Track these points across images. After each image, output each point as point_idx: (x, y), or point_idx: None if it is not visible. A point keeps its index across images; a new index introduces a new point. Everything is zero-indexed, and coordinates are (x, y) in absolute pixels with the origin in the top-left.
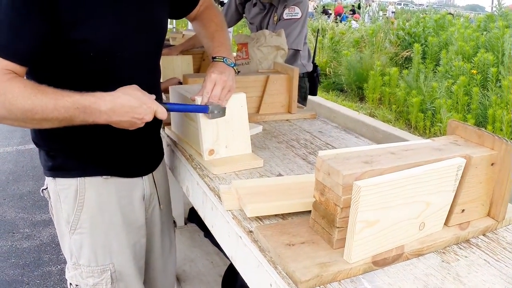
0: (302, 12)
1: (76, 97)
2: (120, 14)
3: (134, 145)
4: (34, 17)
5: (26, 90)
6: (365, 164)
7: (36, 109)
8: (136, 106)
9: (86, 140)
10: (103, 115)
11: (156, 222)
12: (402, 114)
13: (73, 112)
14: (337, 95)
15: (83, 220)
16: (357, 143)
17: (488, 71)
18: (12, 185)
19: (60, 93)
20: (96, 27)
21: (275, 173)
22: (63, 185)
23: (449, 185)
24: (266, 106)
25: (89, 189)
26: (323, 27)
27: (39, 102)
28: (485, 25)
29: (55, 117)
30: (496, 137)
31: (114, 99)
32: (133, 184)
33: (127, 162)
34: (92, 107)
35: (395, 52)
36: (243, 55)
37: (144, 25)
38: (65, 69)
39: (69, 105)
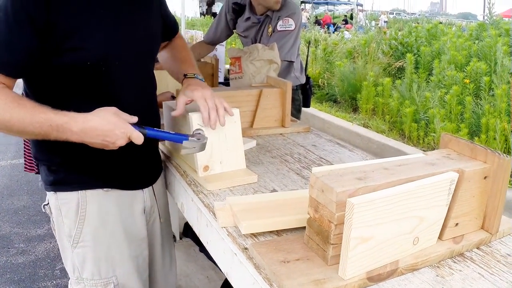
0: (295, 24)
1: (50, 115)
2: (116, 24)
3: (133, 158)
4: (26, 29)
5: (6, 103)
6: (359, 181)
7: (14, 122)
8: (108, 130)
9: (86, 154)
10: (74, 135)
11: (157, 235)
12: (396, 124)
13: (46, 129)
14: (331, 106)
15: (85, 233)
16: (351, 156)
17: (480, 80)
18: (6, 200)
19: (37, 109)
20: (91, 36)
21: (269, 189)
22: (64, 199)
23: (442, 200)
24: (260, 120)
25: (91, 202)
26: (316, 38)
27: (17, 116)
28: (477, 34)
29: (31, 131)
30: (488, 150)
31: (86, 121)
32: (133, 197)
33: (127, 174)
34: (64, 126)
35: (388, 62)
36: (236, 69)
37: (139, 35)
38: (60, 80)
39: (43, 121)
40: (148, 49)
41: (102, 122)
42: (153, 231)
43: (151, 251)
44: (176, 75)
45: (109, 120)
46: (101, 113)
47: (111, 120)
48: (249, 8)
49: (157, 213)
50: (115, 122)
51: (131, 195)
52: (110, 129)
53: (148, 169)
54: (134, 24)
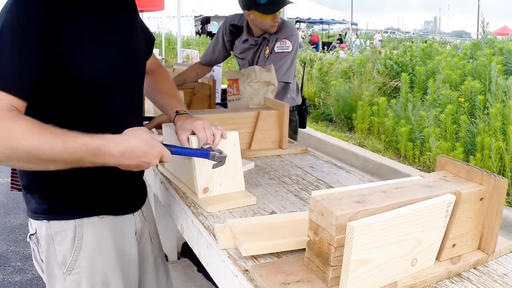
0: (293, 46)
1: (85, 139)
2: (111, 44)
3: (126, 182)
4: (36, 50)
5: (33, 129)
6: (358, 204)
7: (44, 149)
8: (145, 151)
9: (81, 181)
10: (113, 158)
11: (148, 256)
12: (392, 143)
13: (82, 154)
14: (327, 126)
15: (81, 259)
16: (348, 177)
17: (475, 99)
18: (3, 218)
19: (68, 134)
20: (96, 57)
21: (268, 211)
22: (59, 228)
23: (439, 221)
24: (258, 142)
25: (87, 229)
26: (311, 57)
27: (47, 141)
28: (471, 53)
29: (64, 158)
30: (484, 173)
31: (123, 143)
32: (125, 221)
33: (120, 199)
34: (102, 149)
35: (383, 81)
36: (233, 91)
37: (131, 55)
38: (64, 101)
39: (77, 146)
40: (139, 67)
41: (140, 142)
42: (144, 252)
43: (143, 273)
44: (163, 108)
45: (145, 140)
46: (136, 133)
47: (147, 140)
48: (247, 30)
49: (147, 234)
50: (150, 141)
51: (124, 219)
52: (148, 149)
53: (137, 192)
54: (125, 44)
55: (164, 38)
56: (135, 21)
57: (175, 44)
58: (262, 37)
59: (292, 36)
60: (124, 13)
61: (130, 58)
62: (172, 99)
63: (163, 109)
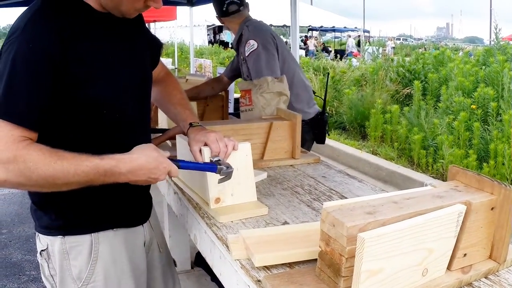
0: (258, 43)
1: (96, 161)
2: (124, 67)
3: (135, 196)
4: (47, 81)
5: (45, 157)
6: (369, 215)
7: (58, 175)
8: (153, 168)
9: (95, 196)
10: (122, 176)
11: (157, 266)
12: (405, 151)
13: (93, 176)
14: (340, 134)
15: (97, 272)
16: (360, 187)
17: (488, 106)
18: (18, 227)
19: (79, 158)
20: (106, 82)
21: (281, 221)
22: (75, 242)
23: (450, 231)
24: (270, 152)
25: (103, 243)
26: (324, 66)
27: (60, 168)
28: (484, 59)
29: (76, 181)
30: (495, 182)
31: (133, 161)
32: (136, 233)
33: (131, 212)
34: (112, 170)
35: (396, 89)
36: (246, 101)
37: (139, 79)
38: (75, 123)
39: (89, 170)
40: (146, 91)
41: (148, 159)
42: (153, 261)
43: (152, 281)
44: (175, 119)
45: (153, 157)
46: (144, 151)
47: (154, 156)
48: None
49: (155, 244)
50: (157, 158)
51: (134, 231)
52: (155, 166)
53: (145, 205)
54: (133, 65)
55: (177, 48)
56: (140, 37)
57: (187, 53)
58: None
59: (256, 36)
60: (130, 33)
61: (138, 79)
62: (185, 110)
63: (175, 120)
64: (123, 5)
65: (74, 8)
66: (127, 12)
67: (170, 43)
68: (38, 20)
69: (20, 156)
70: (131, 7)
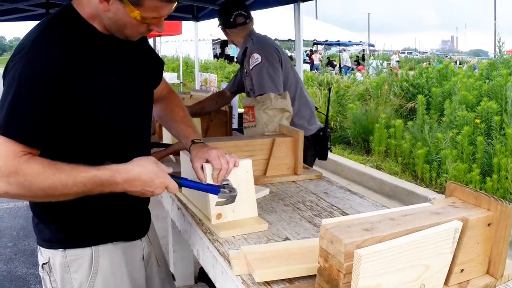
0: (262, 56)
1: (93, 172)
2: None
3: (135, 210)
4: (49, 103)
5: (45, 170)
6: (366, 232)
7: (56, 187)
8: (149, 180)
9: (95, 210)
10: (119, 186)
11: (156, 279)
12: (409, 166)
13: (90, 186)
14: (344, 149)
15: (98, 285)
16: (361, 203)
17: (491, 120)
18: (23, 241)
19: (77, 169)
20: (109, 102)
21: (282, 237)
22: (75, 255)
23: (447, 247)
24: (273, 168)
25: (103, 256)
26: (328, 80)
27: (59, 180)
28: (487, 73)
29: (74, 192)
30: (492, 199)
31: (129, 171)
32: (134, 247)
33: (130, 226)
34: (109, 180)
35: (399, 103)
36: (249, 118)
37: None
38: (78, 140)
39: (86, 180)
40: (148, 110)
41: (144, 171)
42: (152, 275)
43: None
44: (178, 136)
45: (150, 170)
46: (142, 162)
47: (152, 169)
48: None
49: (154, 258)
50: (155, 171)
51: (133, 245)
52: (151, 178)
53: (144, 219)
54: (136, 88)
55: (182, 62)
56: (143, 56)
57: (193, 67)
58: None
59: (260, 49)
60: (133, 53)
61: (139, 99)
62: (187, 127)
63: (178, 137)
64: (127, 29)
65: (79, 30)
66: (131, 35)
67: (176, 57)
68: (44, 41)
69: (21, 170)
70: (135, 31)
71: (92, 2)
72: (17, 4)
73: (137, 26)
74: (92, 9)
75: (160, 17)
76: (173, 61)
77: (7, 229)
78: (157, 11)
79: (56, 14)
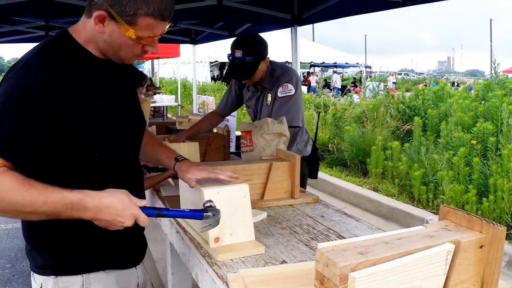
0: (295, 88)
1: (64, 194)
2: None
3: (129, 238)
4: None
5: (18, 185)
6: (360, 255)
7: (26, 203)
8: (119, 210)
9: (88, 237)
10: (88, 212)
11: None
12: (405, 187)
13: (61, 208)
14: (341, 171)
15: None
16: (358, 226)
17: (487, 140)
18: (21, 262)
19: (49, 189)
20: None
21: (279, 260)
22: (66, 283)
23: (440, 269)
24: (270, 192)
25: (94, 284)
26: (325, 102)
27: (30, 197)
28: (483, 94)
29: (43, 211)
30: (484, 221)
31: (100, 198)
32: (128, 275)
33: (124, 254)
34: (79, 203)
35: (396, 125)
36: (247, 142)
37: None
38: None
39: (57, 201)
40: (141, 132)
41: (115, 200)
42: None
43: None
44: (158, 159)
45: (121, 200)
46: (114, 192)
47: (124, 200)
48: None
49: (150, 286)
50: (126, 203)
51: (127, 274)
52: (122, 208)
53: (139, 247)
54: (131, 112)
55: (180, 84)
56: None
57: (190, 90)
58: (262, 85)
59: (292, 79)
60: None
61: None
62: (163, 148)
63: (157, 159)
64: (122, 51)
65: (75, 54)
66: (126, 57)
67: (173, 79)
68: (36, 61)
69: None
70: (130, 52)
71: (88, 27)
72: (17, 26)
73: (132, 47)
74: (87, 33)
75: (154, 37)
76: (171, 83)
77: (5, 250)
78: (151, 30)
79: (53, 38)
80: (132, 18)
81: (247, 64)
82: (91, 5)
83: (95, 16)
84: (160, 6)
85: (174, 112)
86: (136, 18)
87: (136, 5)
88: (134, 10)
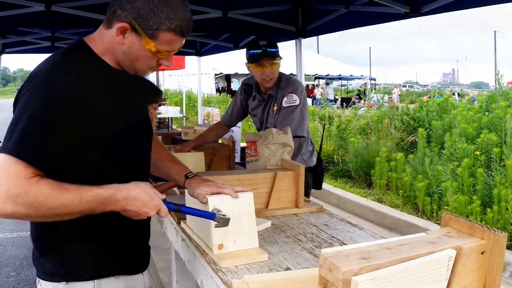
0: (300, 98)
1: (97, 191)
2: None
3: (136, 244)
4: (59, 131)
5: (54, 191)
6: (363, 260)
7: (65, 206)
8: (146, 201)
9: (98, 243)
10: (118, 204)
11: None
12: (410, 198)
13: (94, 205)
14: (345, 182)
15: None
16: (361, 235)
17: (491, 151)
18: (26, 270)
19: (81, 189)
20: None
21: (283, 267)
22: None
23: (441, 275)
24: (275, 202)
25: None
26: (330, 114)
27: (67, 201)
28: (487, 105)
29: (80, 210)
30: (485, 228)
31: (129, 190)
32: (136, 281)
33: (132, 260)
34: (112, 198)
35: (400, 137)
36: (252, 152)
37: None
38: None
39: (91, 199)
40: (151, 143)
41: (142, 192)
42: None
43: None
44: (168, 174)
45: (147, 191)
46: (140, 184)
47: (149, 191)
48: (255, 87)
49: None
50: (151, 194)
51: (134, 279)
52: (148, 200)
53: (145, 253)
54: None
55: (185, 96)
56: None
57: (195, 101)
58: (268, 94)
59: (297, 90)
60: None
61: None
62: (175, 164)
63: (168, 175)
64: (138, 63)
65: (91, 64)
66: (141, 69)
67: (179, 91)
68: (57, 73)
69: (31, 191)
70: (146, 65)
71: (106, 38)
72: (24, 37)
73: (148, 60)
74: (104, 44)
75: (171, 51)
76: (176, 95)
77: (11, 258)
78: (170, 45)
79: (70, 47)
80: (154, 32)
81: (273, 52)
82: (113, 16)
83: (117, 27)
84: (182, 23)
85: (179, 124)
86: (158, 32)
87: (160, 20)
88: (158, 25)
